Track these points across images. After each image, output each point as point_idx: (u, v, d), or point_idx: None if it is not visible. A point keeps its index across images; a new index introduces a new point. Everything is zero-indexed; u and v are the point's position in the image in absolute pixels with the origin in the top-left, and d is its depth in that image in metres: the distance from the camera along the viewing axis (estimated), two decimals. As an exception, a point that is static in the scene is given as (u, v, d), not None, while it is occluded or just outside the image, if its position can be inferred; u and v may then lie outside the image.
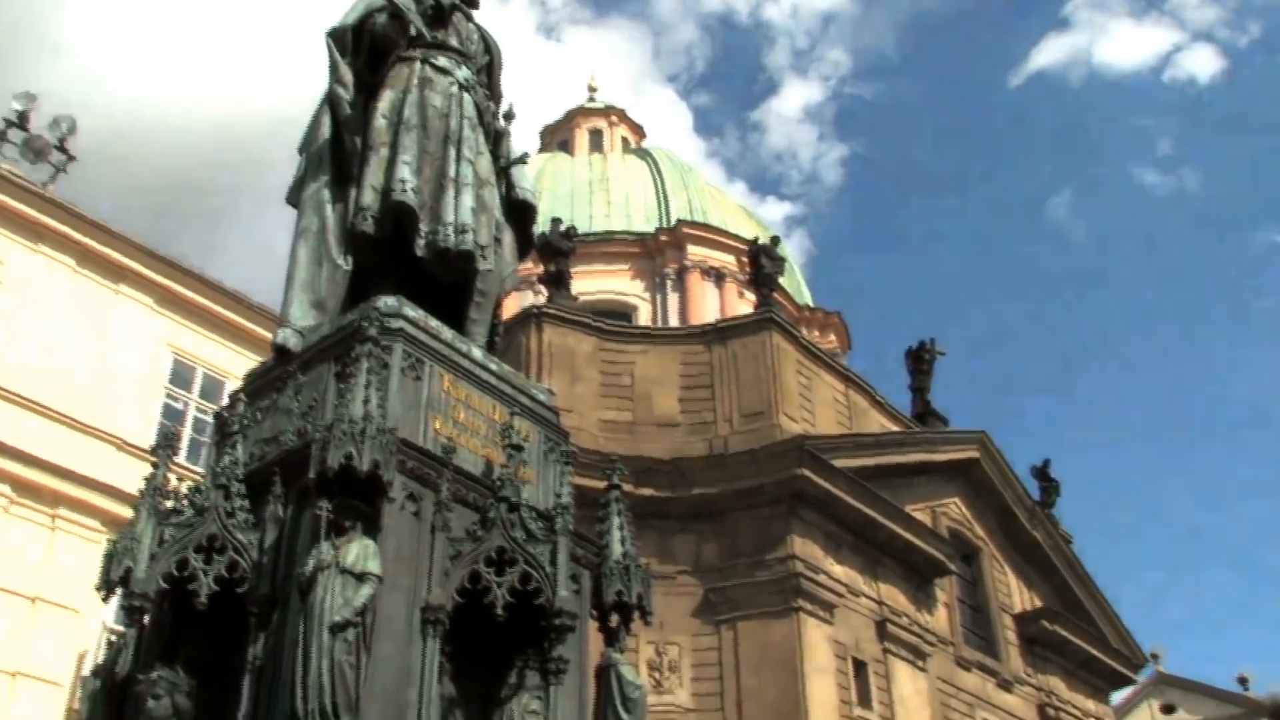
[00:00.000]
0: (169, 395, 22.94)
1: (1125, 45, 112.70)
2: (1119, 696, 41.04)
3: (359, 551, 6.81)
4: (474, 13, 10.45)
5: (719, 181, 57.61)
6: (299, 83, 64.42)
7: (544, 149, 48.61)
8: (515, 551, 7.44)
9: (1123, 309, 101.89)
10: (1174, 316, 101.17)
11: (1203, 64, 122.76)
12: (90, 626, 19.16)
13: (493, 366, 8.77)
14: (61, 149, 23.72)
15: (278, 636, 7.05)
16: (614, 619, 8.16)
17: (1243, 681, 51.98)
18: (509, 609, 7.35)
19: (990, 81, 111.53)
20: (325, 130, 9.39)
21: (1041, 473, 34.84)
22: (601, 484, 8.63)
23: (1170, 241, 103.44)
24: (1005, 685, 29.51)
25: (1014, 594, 31.55)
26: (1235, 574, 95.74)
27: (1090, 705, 33.15)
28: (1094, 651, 32.95)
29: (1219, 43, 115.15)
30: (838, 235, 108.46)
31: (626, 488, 8.77)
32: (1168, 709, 52.99)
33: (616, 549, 8.16)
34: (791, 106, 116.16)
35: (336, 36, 9.44)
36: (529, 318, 26.40)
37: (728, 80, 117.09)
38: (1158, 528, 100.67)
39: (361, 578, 6.71)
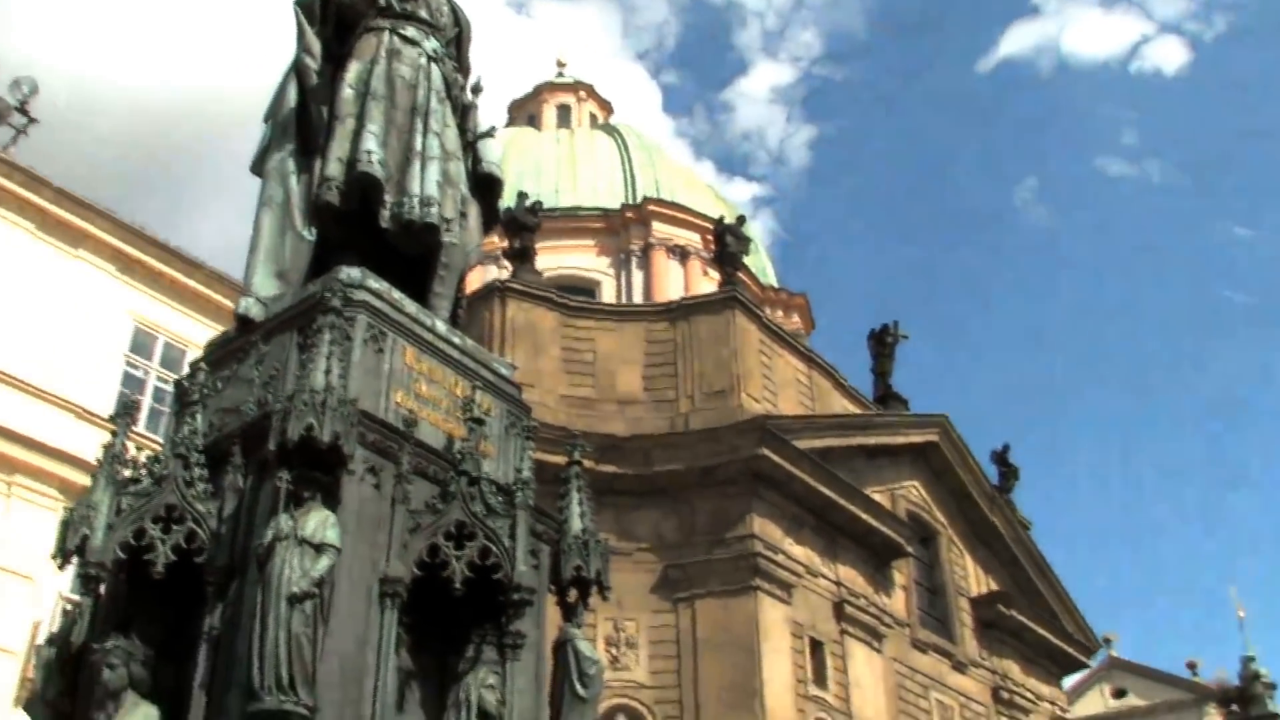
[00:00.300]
0: (129, 363, 22.78)
1: (1093, 35, 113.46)
2: (1071, 680, 41.47)
3: (318, 523, 6.78)
4: (444, -16, 10.37)
5: (686, 160, 57.57)
6: (265, 51, 63.81)
7: (511, 123, 48.33)
8: (475, 525, 7.44)
9: (1086, 298, 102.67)
10: (1137, 306, 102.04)
11: (1169, 56, 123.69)
12: (46, 595, 19.02)
13: (455, 340, 8.74)
14: (22, 111, 23.41)
15: (235, 607, 7.02)
16: (572, 594, 8.20)
17: (1192, 667, 52.75)
18: (468, 583, 7.36)
19: (959, 67, 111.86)
20: (291, 99, 9.31)
21: (1001, 458, 34.97)
22: (562, 459, 8.65)
23: (1135, 232, 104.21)
24: (960, 667, 29.75)
25: (971, 578, 31.76)
26: (1187, 562, 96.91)
27: (1044, 689, 33.45)
28: (1049, 636, 33.23)
29: (1186, 35, 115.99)
30: (804, 217, 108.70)
31: (587, 464, 8.79)
32: (1119, 693, 53.63)
33: (576, 524, 8.19)
34: (761, 87, 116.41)
35: (304, 5, 9.38)
36: (492, 292, 26.30)
37: (697, 59, 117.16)
38: (1114, 514, 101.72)
39: (320, 549, 6.69)
